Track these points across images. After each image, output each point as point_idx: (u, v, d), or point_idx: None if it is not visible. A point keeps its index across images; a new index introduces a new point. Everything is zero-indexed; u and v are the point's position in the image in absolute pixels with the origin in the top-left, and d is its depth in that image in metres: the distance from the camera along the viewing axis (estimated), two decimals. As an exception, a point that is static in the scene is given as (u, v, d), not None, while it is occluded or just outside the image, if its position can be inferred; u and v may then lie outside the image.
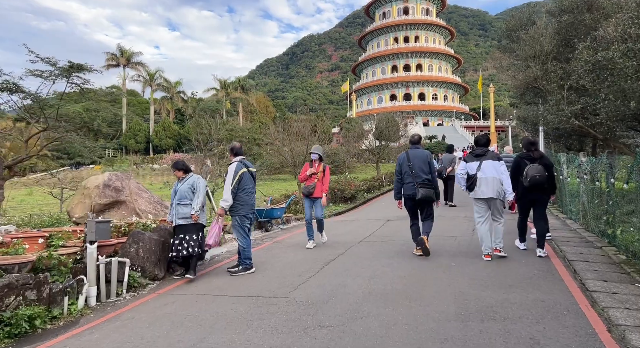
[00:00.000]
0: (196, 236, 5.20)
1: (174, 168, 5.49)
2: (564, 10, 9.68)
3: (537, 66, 9.66)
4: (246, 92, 71.78)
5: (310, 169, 6.97)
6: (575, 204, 8.44)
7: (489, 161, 5.70)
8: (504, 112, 69.50)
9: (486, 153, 5.85)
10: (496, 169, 5.65)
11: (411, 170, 5.93)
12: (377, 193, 18.34)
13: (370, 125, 36.05)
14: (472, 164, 5.77)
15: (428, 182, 5.90)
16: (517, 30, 10.44)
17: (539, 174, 5.65)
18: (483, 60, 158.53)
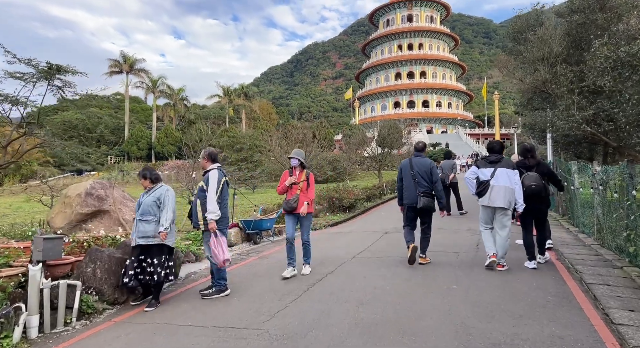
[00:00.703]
0: (162, 260, 4.46)
1: (140, 176, 4.78)
2: (575, 10, 9.11)
3: (545, 68, 9.08)
4: (249, 99, 71.69)
5: (289, 179, 5.61)
6: (588, 216, 7.80)
7: (503, 169, 5.48)
8: (508, 120, 69.00)
9: (501, 160, 5.59)
10: (510, 178, 5.43)
11: (413, 178, 5.84)
12: (378, 202, 17.72)
13: (373, 132, 35.57)
14: (486, 170, 5.56)
15: (430, 191, 5.82)
16: (524, 32, 9.88)
17: (535, 183, 5.45)
18: (487, 68, 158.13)
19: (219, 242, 4.62)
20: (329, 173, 36.33)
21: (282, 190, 5.69)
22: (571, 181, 9.00)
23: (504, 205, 5.37)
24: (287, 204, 5.59)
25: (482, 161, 5.82)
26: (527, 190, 5.43)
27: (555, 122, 9.08)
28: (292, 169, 5.73)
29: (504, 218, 5.49)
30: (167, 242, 4.54)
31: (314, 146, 21.72)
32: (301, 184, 5.59)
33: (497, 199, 5.38)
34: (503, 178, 5.42)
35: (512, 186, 5.41)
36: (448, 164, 11.72)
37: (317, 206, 14.60)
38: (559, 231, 8.43)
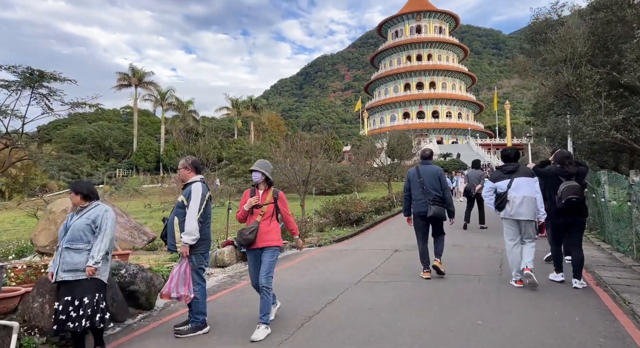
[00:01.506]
0: (94, 300, 3.44)
1: (70, 190, 3.77)
2: (599, 7, 8.35)
3: (569, 70, 8.29)
4: (258, 111, 71.66)
5: (249, 200, 4.12)
6: (624, 233, 6.92)
7: (522, 177, 5.17)
8: (520, 130, 67.92)
9: (517, 168, 5.28)
10: (530, 187, 5.13)
11: (422, 186, 5.69)
12: (387, 215, 16.91)
13: (382, 143, 34.92)
14: (502, 182, 5.25)
15: (439, 199, 5.64)
16: (544, 32, 9.14)
17: (575, 195, 4.93)
18: (497, 78, 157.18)
19: (184, 273, 3.85)
20: (338, 184, 35.58)
21: (242, 216, 4.17)
22: (600, 192, 8.14)
23: (528, 217, 5.07)
24: (242, 236, 4.04)
25: (497, 172, 5.48)
26: (566, 202, 4.92)
27: (581, 129, 8.26)
28: (254, 187, 4.25)
29: (529, 229, 5.18)
30: (101, 276, 3.56)
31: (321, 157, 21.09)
32: (265, 208, 4.07)
33: (520, 211, 5.07)
34: (524, 188, 5.10)
35: (533, 195, 5.09)
36: (475, 175, 10.96)
37: (323, 220, 13.83)
38: (590, 249, 7.54)
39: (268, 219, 4.09)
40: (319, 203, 15.23)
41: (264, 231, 4.03)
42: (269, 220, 4.09)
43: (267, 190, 4.20)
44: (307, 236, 10.75)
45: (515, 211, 5.09)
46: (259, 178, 4.14)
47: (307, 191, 15.79)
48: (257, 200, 4.09)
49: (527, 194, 5.07)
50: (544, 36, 9.09)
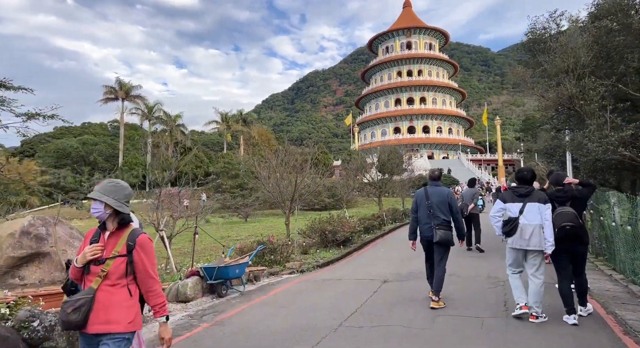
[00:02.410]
0: None
1: None
2: (602, 15, 7.74)
3: (571, 82, 7.62)
4: (248, 125, 71.04)
5: (85, 250, 2.33)
6: None
7: (534, 203, 4.76)
8: (510, 146, 68.25)
9: (531, 192, 4.85)
10: (541, 214, 4.71)
11: (429, 209, 5.47)
12: (377, 234, 16.06)
13: (372, 158, 34.31)
14: (514, 205, 4.85)
15: (447, 223, 5.44)
16: (544, 42, 8.50)
17: (569, 223, 4.62)
18: (486, 95, 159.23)
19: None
20: (327, 200, 34.70)
21: (75, 274, 2.39)
22: (610, 215, 7.40)
23: (538, 247, 4.68)
24: (62, 312, 2.26)
25: (509, 193, 5.07)
26: (560, 231, 4.63)
27: (585, 145, 7.55)
28: (101, 229, 2.44)
29: (537, 260, 4.77)
30: None
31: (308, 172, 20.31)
32: (109, 266, 2.31)
33: (529, 240, 4.69)
34: (534, 215, 4.71)
35: (543, 222, 4.71)
36: (469, 193, 10.34)
37: (307, 240, 12.93)
38: (601, 280, 6.75)
39: (113, 284, 2.31)
40: (303, 222, 14.31)
41: (103, 304, 2.26)
42: (114, 287, 2.31)
43: (116, 233, 2.41)
44: (288, 261, 9.83)
45: (524, 241, 4.71)
46: (100, 211, 2.37)
47: (293, 209, 14.90)
48: (97, 250, 2.31)
49: (539, 222, 4.69)
50: (542, 46, 8.48)
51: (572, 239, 4.70)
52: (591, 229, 8.56)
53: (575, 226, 4.62)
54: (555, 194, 4.89)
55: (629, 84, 7.45)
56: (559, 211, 4.76)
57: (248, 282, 7.81)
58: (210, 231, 20.43)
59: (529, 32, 8.91)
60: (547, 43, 8.44)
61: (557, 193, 4.91)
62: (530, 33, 8.89)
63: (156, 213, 9.79)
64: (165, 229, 9.46)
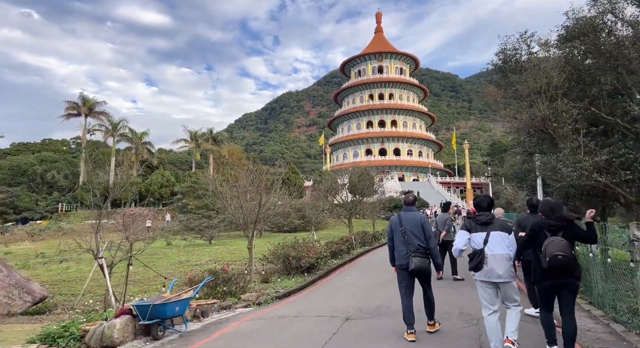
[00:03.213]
0: None
1: None
2: (573, 36, 7.53)
3: (544, 103, 7.29)
4: (218, 144, 69.69)
5: None
6: (624, 298, 5.65)
7: (497, 232, 4.53)
8: (477, 169, 69.92)
9: (493, 220, 4.61)
10: (507, 244, 4.50)
11: (403, 236, 5.26)
12: (345, 259, 15.31)
13: (343, 179, 33.89)
14: (478, 235, 4.57)
15: (423, 250, 5.19)
16: (517, 62, 8.22)
17: (561, 252, 4.17)
18: (455, 119, 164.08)
19: None
20: (297, 221, 33.75)
21: None
22: (587, 246, 6.96)
23: (506, 279, 4.43)
24: None
25: (469, 221, 4.77)
26: (550, 261, 4.19)
27: (560, 169, 7.16)
28: None
29: (509, 291, 4.51)
30: None
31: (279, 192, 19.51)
32: None
33: (498, 271, 4.42)
34: (500, 245, 4.49)
35: (509, 252, 4.49)
36: (442, 219, 9.72)
37: (269, 266, 12.03)
38: (580, 316, 6.18)
39: None
40: (266, 247, 13.39)
41: None
42: None
43: None
44: (245, 291, 8.91)
45: (493, 273, 4.43)
46: None
47: (257, 232, 13.99)
48: None
49: (504, 252, 4.47)
50: (513, 66, 8.20)
51: (563, 271, 4.27)
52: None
53: (568, 257, 4.19)
54: (547, 223, 4.40)
55: (602, 108, 7.17)
56: (550, 240, 4.32)
57: (194, 319, 6.85)
58: (171, 254, 19.13)
59: (500, 52, 8.66)
60: (519, 63, 8.15)
61: (549, 221, 4.41)
62: (500, 53, 8.64)
63: (95, 237, 8.72)
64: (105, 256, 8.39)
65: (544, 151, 8.23)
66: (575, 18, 7.36)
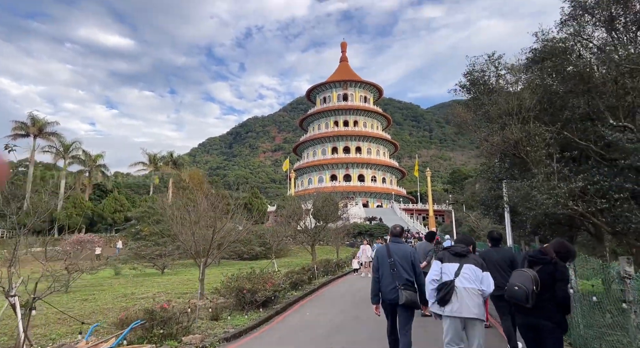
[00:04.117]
0: None
1: None
2: (543, 57, 7.25)
3: (516, 125, 6.88)
4: (178, 167, 67.29)
5: None
6: (615, 345, 5.04)
7: (471, 265, 4.32)
8: (439, 197, 71.19)
9: (468, 254, 4.46)
10: (479, 279, 4.26)
11: (392, 268, 5.03)
12: (307, 290, 14.29)
13: (306, 204, 33.08)
14: (450, 265, 4.39)
15: (411, 284, 5.00)
16: (485, 83, 7.87)
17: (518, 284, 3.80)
18: (417, 148, 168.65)
19: None
20: (258, 248, 32.32)
21: None
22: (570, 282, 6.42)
23: (477, 316, 4.14)
24: None
25: (445, 252, 4.62)
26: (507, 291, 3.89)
27: (534, 196, 6.68)
28: None
29: (477, 331, 4.20)
30: None
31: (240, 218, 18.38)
32: None
33: (467, 306, 4.15)
34: (471, 278, 4.27)
35: (481, 288, 4.25)
36: (423, 248, 8.92)
37: (220, 300, 10.85)
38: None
39: None
40: (222, 277, 12.16)
41: None
42: None
43: None
44: (189, 333, 7.72)
45: (463, 307, 4.14)
46: None
47: (214, 260, 12.78)
48: None
49: (475, 287, 4.22)
50: (482, 88, 7.85)
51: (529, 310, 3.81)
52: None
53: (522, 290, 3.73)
54: (530, 255, 4.02)
55: (575, 132, 6.82)
56: (515, 272, 4.01)
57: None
58: (118, 285, 17.36)
59: (468, 73, 8.32)
60: (487, 85, 7.80)
61: (540, 254, 3.96)
62: (469, 74, 8.30)
63: (8, 271, 7.35)
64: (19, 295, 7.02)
65: (515, 176, 7.82)
66: (545, 39, 7.15)
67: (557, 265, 3.88)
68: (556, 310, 3.79)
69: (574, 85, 6.85)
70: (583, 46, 6.94)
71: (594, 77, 6.69)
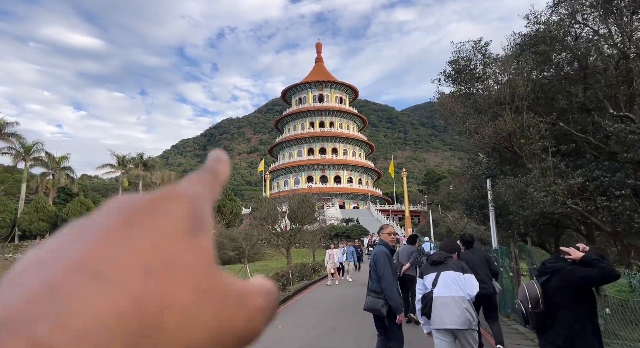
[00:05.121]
0: None
1: None
2: (537, 42, 6.60)
3: (510, 115, 6.20)
4: (149, 169, 64.96)
5: None
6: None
7: (449, 272, 4.00)
8: (414, 198, 71.44)
9: (446, 260, 4.16)
10: (460, 285, 3.90)
11: (370, 272, 4.88)
12: (281, 298, 13.28)
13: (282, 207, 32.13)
14: (428, 277, 4.10)
15: (377, 288, 4.65)
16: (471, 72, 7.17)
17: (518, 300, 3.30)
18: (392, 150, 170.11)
19: None
20: (230, 253, 31.05)
21: None
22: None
23: (461, 326, 3.78)
24: None
25: (425, 264, 4.47)
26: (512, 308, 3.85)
27: (530, 194, 6.00)
28: None
29: (464, 341, 3.88)
30: None
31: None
32: None
33: (448, 317, 3.82)
34: (451, 286, 3.95)
35: (465, 294, 3.91)
36: (405, 251, 8.29)
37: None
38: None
39: None
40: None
41: None
42: None
43: None
44: None
45: (443, 317, 3.86)
46: None
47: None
48: None
49: (456, 294, 3.91)
50: (468, 76, 7.16)
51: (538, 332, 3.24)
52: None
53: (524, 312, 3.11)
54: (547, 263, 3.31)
55: (571, 123, 6.19)
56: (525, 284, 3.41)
57: None
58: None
59: (453, 61, 7.61)
60: (474, 73, 7.10)
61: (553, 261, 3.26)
62: (454, 62, 7.59)
63: None
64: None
65: (507, 172, 7.17)
66: (538, 22, 6.54)
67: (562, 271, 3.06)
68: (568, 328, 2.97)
69: (570, 71, 6.25)
70: (580, 27, 6.37)
71: (591, 62, 6.09)
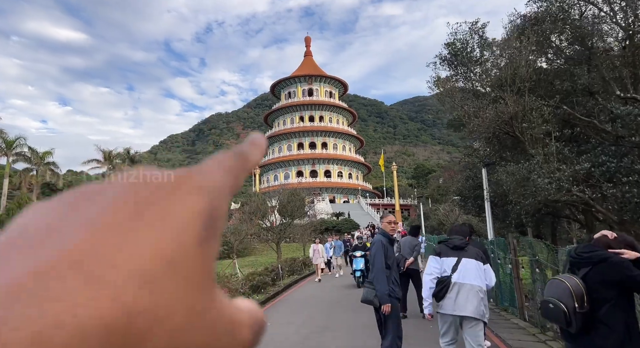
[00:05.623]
0: None
1: None
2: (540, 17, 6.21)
3: (511, 98, 5.81)
4: (136, 164, 63.88)
5: None
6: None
7: (471, 260, 3.88)
8: (404, 191, 71.60)
9: (467, 246, 3.98)
10: (480, 275, 3.83)
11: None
12: (270, 294, 12.91)
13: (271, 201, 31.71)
14: (449, 260, 3.97)
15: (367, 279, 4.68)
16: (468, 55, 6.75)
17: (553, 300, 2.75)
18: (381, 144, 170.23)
19: None
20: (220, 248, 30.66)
21: None
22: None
23: (474, 314, 3.75)
24: None
25: (443, 245, 4.18)
26: (542, 312, 3.06)
27: (533, 181, 5.64)
28: None
29: (476, 331, 3.82)
30: None
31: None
32: None
33: (463, 303, 3.78)
34: (472, 273, 3.83)
35: (483, 285, 3.82)
36: (408, 243, 7.91)
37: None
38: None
39: None
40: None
41: None
42: None
43: None
44: None
45: (459, 305, 3.81)
46: None
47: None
48: None
49: (476, 283, 3.82)
50: (466, 59, 6.75)
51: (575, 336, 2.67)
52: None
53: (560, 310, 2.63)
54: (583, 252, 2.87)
55: (575, 107, 5.83)
56: (552, 280, 3.01)
57: None
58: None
59: (449, 44, 7.19)
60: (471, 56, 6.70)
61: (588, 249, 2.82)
62: (450, 45, 7.17)
63: None
64: None
65: (507, 159, 6.81)
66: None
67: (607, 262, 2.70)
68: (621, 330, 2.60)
69: (574, 51, 5.90)
70: (585, 4, 6.01)
71: (596, 42, 5.73)
